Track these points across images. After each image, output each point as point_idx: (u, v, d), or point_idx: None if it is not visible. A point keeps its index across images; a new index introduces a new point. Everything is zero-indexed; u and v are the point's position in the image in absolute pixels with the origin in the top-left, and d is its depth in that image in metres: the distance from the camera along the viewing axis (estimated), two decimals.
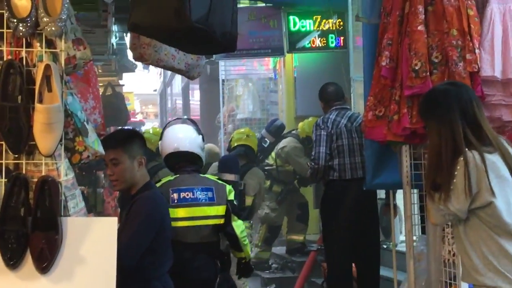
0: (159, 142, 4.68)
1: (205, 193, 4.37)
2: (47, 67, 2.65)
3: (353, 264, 5.90)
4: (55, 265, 2.62)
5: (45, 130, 2.61)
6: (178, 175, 4.43)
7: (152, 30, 2.90)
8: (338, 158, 5.76)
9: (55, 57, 2.75)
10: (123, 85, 11.90)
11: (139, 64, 13.79)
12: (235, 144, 7.13)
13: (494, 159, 2.89)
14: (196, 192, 4.32)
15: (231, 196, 4.53)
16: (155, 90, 26.93)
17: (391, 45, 4.27)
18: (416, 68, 4.08)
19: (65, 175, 2.73)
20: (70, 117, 2.80)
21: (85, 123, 2.87)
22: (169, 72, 21.48)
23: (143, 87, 26.08)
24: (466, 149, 2.88)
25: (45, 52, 2.72)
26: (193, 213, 4.11)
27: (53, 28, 2.65)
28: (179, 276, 3.83)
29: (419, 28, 4.11)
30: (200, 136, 4.63)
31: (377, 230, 5.95)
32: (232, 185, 6.25)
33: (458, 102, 2.97)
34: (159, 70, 23.86)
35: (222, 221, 4.40)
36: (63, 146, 2.71)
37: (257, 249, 8.62)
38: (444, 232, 3.98)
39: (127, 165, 3.53)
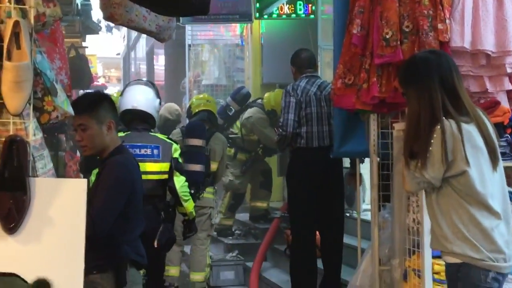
0: (119, 99, 5.04)
1: (152, 150, 4.81)
2: (16, 23, 2.57)
3: (317, 232, 5.95)
4: (22, 226, 2.58)
5: (13, 88, 2.55)
6: (129, 132, 4.81)
7: None
8: (306, 126, 5.77)
9: (23, 14, 2.67)
10: (86, 47, 11.70)
11: (103, 26, 13.61)
12: (196, 110, 7.08)
13: (470, 129, 2.92)
14: (144, 148, 4.76)
15: (176, 154, 4.96)
16: (118, 54, 26.59)
17: (362, 13, 4.26)
18: (387, 36, 4.09)
19: (33, 135, 2.67)
20: (39, 76, 2.73)
21: (54, 82, 2.80)
22: (133, 36, 21.22)
23: (106, 50, 25.70)
24: (444, 117, 2.90)
25: (14, 8, 2.64)
26: (141, 167, 4.12)
27: None
28: None
29: None
30: (158, 100, 5.05)
31: (342, 198, 6.01)
32: (199, 150, 6.38)
33: (438, 70, 2.98)
34: (122, 33, 23.57)
35: (166, 176, 4.85)
36: (32, 106, 2.65)
37: (221, 215, 8.64)
38: (409, 201, 4.01)
39: (96, 131, 3.45)
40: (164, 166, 4.85)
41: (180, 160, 5.02)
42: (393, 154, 4.27)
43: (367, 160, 4.95)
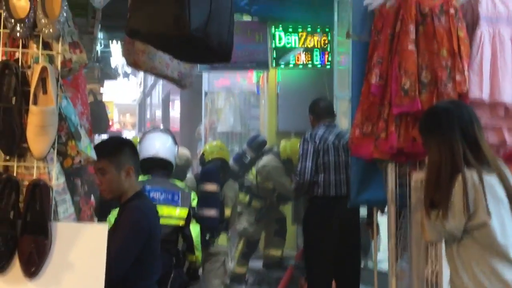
0: (137, 145, 5.03)
1: (172, 195, 4.89)
2: (44, 69, 2.61)
3: (333, 282, 5.89)
4: (43, 270, 2.57)
5: (38, 133, 2.57)
6: (151, 176, 4.89)
7: (150, 37, 2.88)
8: (323, 174, 5.77)
9: (50, 60, 2.72)
10: (102, 93, 11.84)
11: (120, 73, 13.79)
12: (210, 158, 7.10)
13: (492, 180, 2.91)
14: (165, 193, 4.84)
15: (194, 203, 5.06)
16: (134, 100, 26.84)
17: (381, 63, 4.30)
18: (406, 87, 4.11)
19: (56, 179, 2.69)
20: (64, 120, 2.76)
21: (78, 127, 2.83)
22: (149, 82, 21.45)
23: (122, 96, 25.97)
24: (465, 168, 2.89)
25: (42, 54, 2.69)
26: (160, 211, 4.13)
27: (50, 30, 2.63)
28: None
29: (409, 47, 4.15)
30: (176, 146, 5.20)
31: (359, 248, 5.96)
32: (214, 195, 6.45)
33: (459, 121, 3.00)
34: (139, 79, 23.84)
35: (183, 222, 4.91)
36: (55, 150, 2.68)
37: (234, 263, 8.58)
38: (428, 252, 3.98)
39: (114, 176, 3.49)
40: (183, 212, 4.89)
41: (197, 210, 5.15)
42: (411, 204, 4.25)
43: None
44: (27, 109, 2.62)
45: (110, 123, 14.75)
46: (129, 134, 22.85)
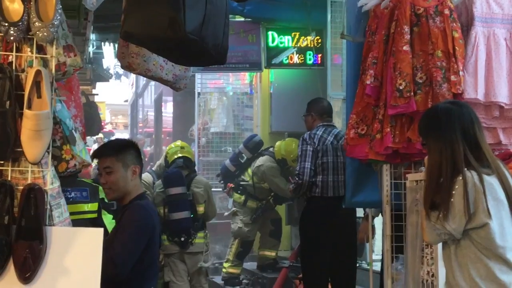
0: None
1: (81, 192, 4.74)
2: (38, 72, 2.59)
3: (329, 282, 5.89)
4: (38, 275, 2.55)
5: (33, 137, 2.55)
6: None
7: (145, 40, 2.86)
8: (321, 175, 5.77)
9: (45, 63, 2.70)
10: (97, 94, 11.80)
11: (112, 74, 13.73)
12: (173, 158, 7.07)
13: (492, 181, 2.90)
14: (74, 192, 4.74)
15: (102, 195, 4.86)
16: (126, 101, 26.77)
17: (376, 64, 4.29)
18: (401, 88, 4.10)
19: (51, 183, 2.66)
20: (59, 124, 2.74)
21: (73, 131, 2.81)
22: (141, 83, 21.39)
23: (114, 97, 25.90)
24: (465, 169, 2.88)
25: (36, 57, 2.66)
26: (73, 209, 4.11)
27: (45, 34, 2.60)
28: None
29: (404, 48, 4.14)
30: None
31: (355, 249, 5.96)
32: (181, 197, 6.52)
33: (459, 122, 2.98)
34: (131, 80, 23.78)
35: (95, 215, 4.79)
36: (50, 154, 2.65)
37: (228, 264, 8.57)
38: (423, 253, 3.97)
39: (121, 174, 3.52)
40: (94, 206, 4.79)
41: (106, 200, 5.03)
42: (406, 205, 4.24)
43: None
44: (22, 113, 2.59)
45: (103, 124, 14.73)
46: (121, 135, 22.76)
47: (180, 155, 7.04)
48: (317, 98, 6.31)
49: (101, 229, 2.68)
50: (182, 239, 6.55)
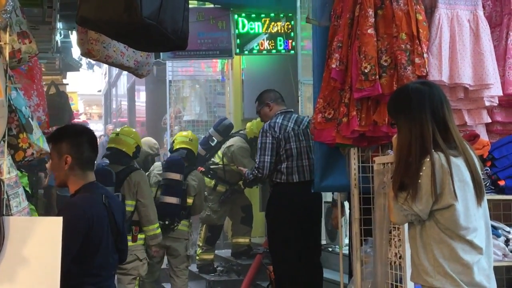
0: None
1: None
2: None
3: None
4: None
5: None
6: None
7: (101, 25, 2.81)
8: (286, 162, 5.77)
9: None
10: (67, 84, 11.67)
11: (84, 63, 13.61)
12: (178, 146, 7.19)
13: (458, 163, 2.90)
14: None
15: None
16: (99, 91, 26.59)
17: (341, 48, 4.29)
18: (366, 71, 4.11)
19: (7, 173, 2.62)
20: (14, 112, 2.69)
21: (29, 119, 2.77)
22: (114, 73, 21.24)
23: (87, 87, 25.71)
24: (433, 150, 2.88)
25: None
26: None
27: None
28: None
29: (369, 31, 4.14)
30: None
31: (320, 229, 6.00)
32: (177, 184, 6.55)
33: (430, 102, 2.96)
34: (104, 70, 23.60)
35: None
36: (6, 143, 2.61)
37: (200, 251, 8.57)
38: (391, 235, 3.99)
39: (55, 162, 3.35)
40: None
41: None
42: (374, 188, 4.26)
43: None
44: None
45: (75, 114, 14.60)
46: (95, 125, 22.63)
47: (185, 146, 7.16)
48: (266, 90, 6.29)
49: (60, 218, 2.64)
50: (166, 222, 6.60)
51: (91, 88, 26.68)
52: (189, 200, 6.93)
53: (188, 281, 7.25)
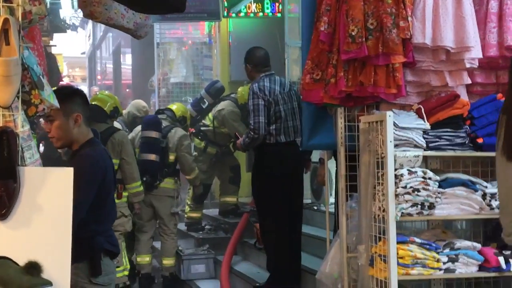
0: None
1: None
2: (6, 20, 2.69)
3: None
4: (13, 212, 2.70)
5: (3, 82, 2.67)
6: None
7: None
8: (275, 124, 5.94)
9: (11, 12, 2.80)
10: (55, 45, 11.72)
11: (70, 25, 13.60)
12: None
13: None
14: None
15: None
16: (83, 53, 26.45)
17: (329, 11, 4.44)
18: (353, 33, 4.27)
19: (21, 126, 2.79)
20: (27, 70, 2.84)
21: (40, 76, 2.92)
22: (98, 35, 21.15)
23: (71, 49, 25.54)
24: None
25: (2, 6, 2.76)
26: None
27: None
28: None
29: None
30: None
31: (302, 186, 6.23)
32: (154, 141, 6.81)
33: None
34: (88, 32, 23.46)
35: None
36: (20, 99, 2.78)
37: (188, 209, 8.76)
38: (375, 190, 4.16)
39: (62, 122, 3.55)
40: None
41: None
42: (359, 146, 4.44)
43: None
44: None
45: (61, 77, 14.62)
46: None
47: (170, 107, 7.59)
48: (252, 49, 6.26)
49: (71, 169, 2.82)
50: (145, 179, 6.80)
51: (75, 50, 26.54)
52: (171, 157, 7.11)
53: (177, 239, 7.45)
